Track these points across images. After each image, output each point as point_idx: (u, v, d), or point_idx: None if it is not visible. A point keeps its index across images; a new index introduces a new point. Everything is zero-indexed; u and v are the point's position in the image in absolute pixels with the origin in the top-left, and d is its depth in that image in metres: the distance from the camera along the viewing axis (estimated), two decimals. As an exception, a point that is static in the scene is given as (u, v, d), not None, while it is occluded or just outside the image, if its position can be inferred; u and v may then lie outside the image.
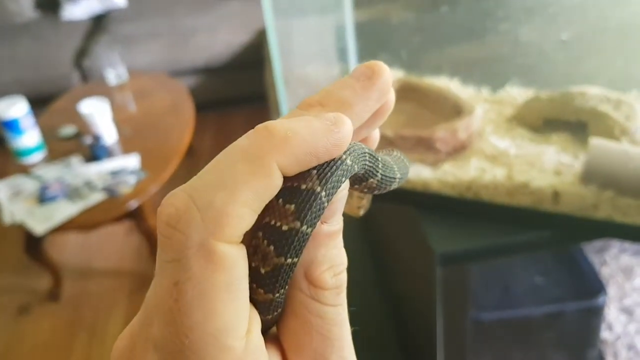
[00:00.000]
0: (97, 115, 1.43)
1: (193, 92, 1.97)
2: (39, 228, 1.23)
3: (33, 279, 1.51)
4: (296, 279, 0.16)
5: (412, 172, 0.55)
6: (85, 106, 1.45)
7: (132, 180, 1.32)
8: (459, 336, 0.56)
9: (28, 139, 1.42)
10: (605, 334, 0.66)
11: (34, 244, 1.33)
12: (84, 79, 2.23)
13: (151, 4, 2.59)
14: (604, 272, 0.71)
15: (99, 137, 1.42)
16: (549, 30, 0.60)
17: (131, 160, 1.39)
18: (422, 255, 0.53)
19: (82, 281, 1.51)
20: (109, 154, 1.42)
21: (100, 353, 1.31)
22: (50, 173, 1.37)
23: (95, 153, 1.40)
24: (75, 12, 2.56)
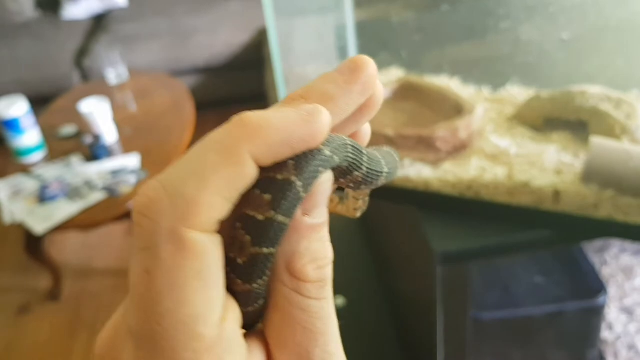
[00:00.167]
0: (98, 114, 1.43)
1: (193, 92, 1.97)
2: (39, 227, 1.23)
3: (33, 278, 1.51)
4: (278, 271, 0.15)
5: (412, 171, 0.55)
6: (86, 106, 1.44)
7: (132, 179, 1.32)
8: (459, 335, 0.56)
9: (28, 138, 1.42)
10: (605, 333, 0.66)
11: (34, 243, 1.33)
12: (84, 78, 2.23)
13: (151, 3, 2.59)
14: (604, 272, 0.71)
15: (99, 137, 1.42)
16: (549, 29, 0.60)
17: (131, 160, 1.39)
18: (423, 254, 0.53)
19: (82, 281, 1.51)
20: (109, 154, 1.42)
21: (100, 353, 1.31)
22: (51, 172, 1.37)
23: (95, 153, 1.40)
24: (76, 11, 2.56)
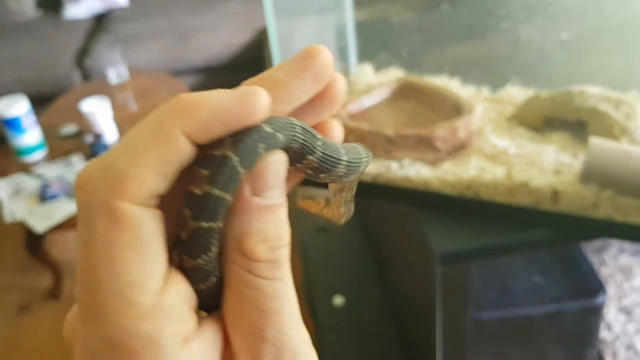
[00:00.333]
0: (98, 114, 1.43)
1: (193, 92, 1.97)
2: (39, 226, 1.23)
3: (33, 277, 1.52)
4: (230, 250, 0.16)
5: (412, 171, 0.55)
6: (87, 105, 1.45)
7: (132, 179, 1.32)
8: (459, 335, 0.56)
9: (29, 137, 1.42)
10: (604, 333, 0.66)
11: (35, 242, 1.33)
12: (85, 78, 2.24)
13: (152, 3, 2.60)
14: (603, 272, 0.71)
15: (99, 136, 1.43)
16: (549, 29, 0.60)
17: (132, 159, 1.39)
18: (422, 254, 0.53)
19: (82, 280, 1.51)
20: (109, 153, 1.42)
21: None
22: (51, 171, 1.37)
23: (96, 152, 1.40)
24: (77, 11, 2.56)
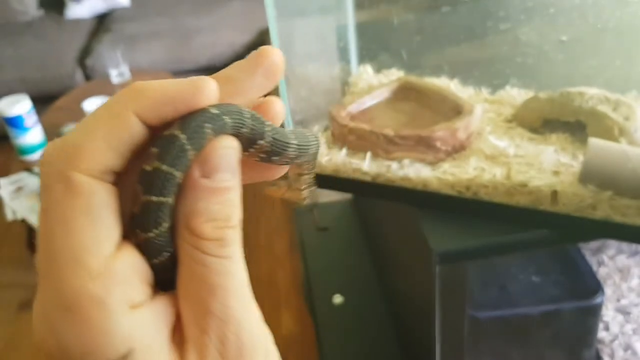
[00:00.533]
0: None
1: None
2: (41, 225, 1.23)
3: (34, 274, 1.52)
4: (180, 228, 0.17)
5: (412, 171, 0.55)
6: (89, 104, 1.45)
7: (134, 178, 1.33)
8: (457, 334, 0.56)
9: (31, 136, 1.43)
10: (602, 334, 0.66)
11: (36, 240, 1.34)
12: (87, 77, 2.24)
13: (154, 3, 2.60)
14: (601, 273, 0.71)
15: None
16: (549, 31, 0.61)
17: (133, 159, 1.40)
18: (422, 253, 0.53)
19: (83, 278, 1.52)
20: (111, 152, 1.43)
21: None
22: (53, 170, 1.38)
23: (97, 151, 1.41)
24: (79, 11, 2.57)
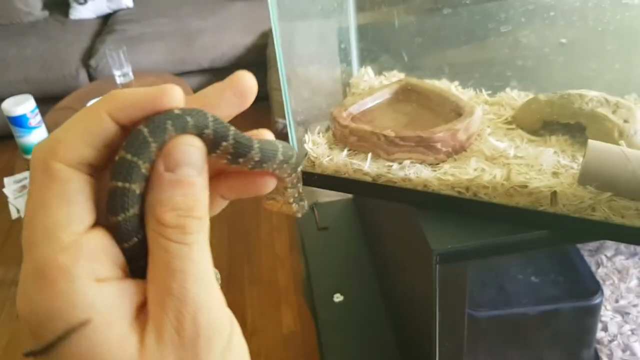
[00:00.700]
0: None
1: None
2: (44, 224, 1.24)
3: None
4: (148, 217, 0.19)
5: (412, 171, 0.55)
6: (91, 104, 1.46)
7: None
8: (457, 333, 0.57)
9: (35, 135, 1.44)
10: (600, 334, 0.67)
11: (39, 239, 1.34)
12: (91, 78, 2.25)
13: (157, 5, 2.61)
14: (600, 273, 0.72)
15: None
16: (549, 33, 0.61)
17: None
18: (421, 253, 0.54)
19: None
20: (114, 152, 1.44)
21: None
22: (56, 170, 1.39)
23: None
24: (83, 12, 2.59)
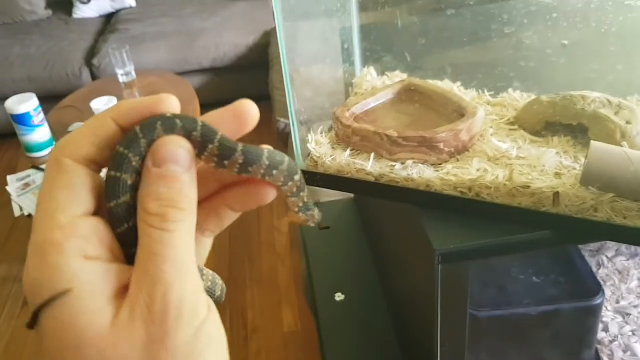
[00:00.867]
0: (106, 112, 1.45)
1: (199, 92, 1.99)
2: (47, 222, 1.25)
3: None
4: (138, 209, 0.21)
5: (415, 171, 0.56)
6: (95, 103, 1.47)
7: (139, 176, 1.34)
8: (458, 333, 0.57)
9: (38, 134, 1.44)
10: (601, 335, 0.67)
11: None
12: (94, 77, 2.26)
13: (160, 4, 2.62)
14: (601, 274, 0.72)
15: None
16: (551, 34, 0.61)
17: (138, 158, 1.41)
18: (423, 252, 0.54)
19: (87, 276, 1.53)
20: (116, 151, 1.44)
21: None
22: (59, 168, 1.39)
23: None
24: (87, 11, 2.59)
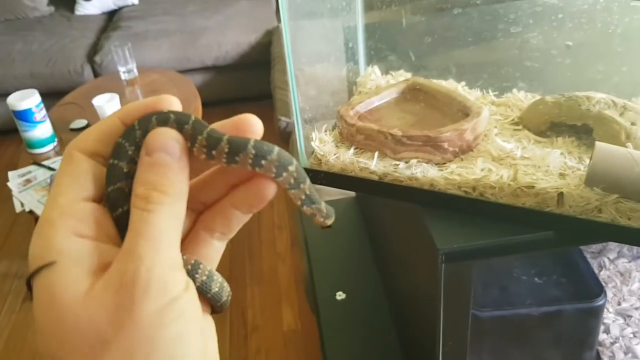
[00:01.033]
0: (108, 108, 1.45)
1: (201, 90, 1.99)
2: (48, 218, 1.24)
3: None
4: (132, 195, 0.23)
5: (418, 170, 0.56)
6: (97, 100, 1.47)
7: (140, 174, 1.34)
8: (461, 333, 0.57)
9: (40, 130, 1.44)
10: (602, 336, 0.67)
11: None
12: (96, 74, 2.26)
13: (162, 2, 2.61)
14: (602, 276, 0.72)
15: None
16: (557, 35, 0.61)
17: (140, 155, 1.41)
18: (427, 252, 0.54)
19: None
20: (118, 148, 1.44)
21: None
22: (61, 165, 1.39)
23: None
24: (89, 8, 2.59)
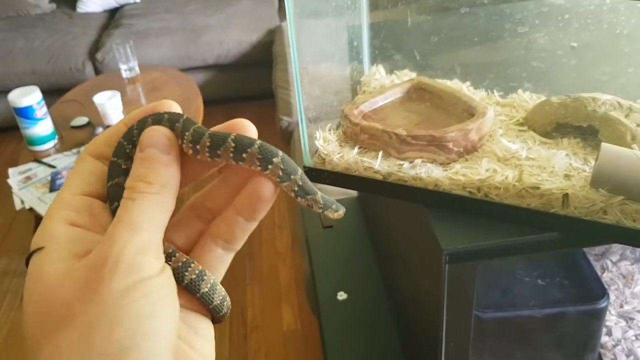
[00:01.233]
0: (109, 106, 1.44)
1: (202, 88, 1.98)
2: (48, 215, 1.24)
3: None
4: None
5: (423, 170, 0.55)
6: (98, 97, 1.46)
7: (141, 171, 1.33)
8: (463, 333, 0.57)
9: (41, 127, 1.44)
10: (604, 339, 0.67)
11: (43, 231, 1.34)
12: (97, 71, 2.25)
13: (164, 0, 2.61)
14: (605, 278, 0.72)
15: (110, 127, 1.45)
16: (563, 36, 0.61)
17: (141, 152, 1.40)
18: (430, 252, 0.54)
19: (87, 270, 1.52)
20: (119, 145, 1.43)
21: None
22: (61, 161, 1.39)
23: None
24: (91, 5, 2.58)
